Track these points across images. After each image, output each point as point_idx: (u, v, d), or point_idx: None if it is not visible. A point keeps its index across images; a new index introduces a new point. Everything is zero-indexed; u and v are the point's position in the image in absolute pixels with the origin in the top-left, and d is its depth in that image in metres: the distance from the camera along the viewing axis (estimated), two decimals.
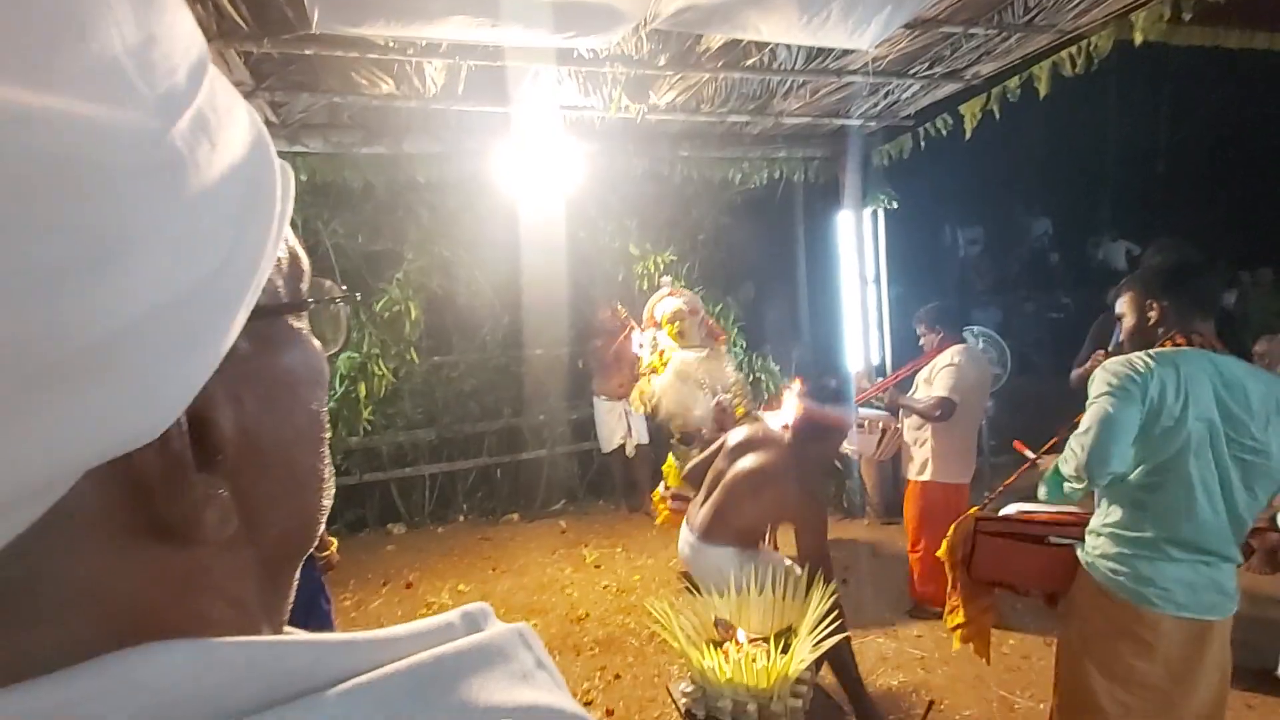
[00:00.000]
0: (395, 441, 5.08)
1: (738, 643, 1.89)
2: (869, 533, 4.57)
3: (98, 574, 0.22)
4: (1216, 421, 1.59)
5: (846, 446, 3.60)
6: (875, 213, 4.80)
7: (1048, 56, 3.25)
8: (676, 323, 3.46)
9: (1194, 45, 3.30)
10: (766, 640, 1.90)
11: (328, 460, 0.31)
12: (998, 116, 3.61)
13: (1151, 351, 1.66)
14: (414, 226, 4.79)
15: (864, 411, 3.55)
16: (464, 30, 2.49)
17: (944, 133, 3.97)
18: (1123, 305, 1.82)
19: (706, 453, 2.67)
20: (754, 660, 1.79)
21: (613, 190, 4.86)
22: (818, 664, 2.19)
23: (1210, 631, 1.64)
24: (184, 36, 0.23)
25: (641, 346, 4.57)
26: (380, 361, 4.68)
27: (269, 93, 3.18)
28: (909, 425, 3.43)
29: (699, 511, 2.47)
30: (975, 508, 2.21)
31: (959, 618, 2.22)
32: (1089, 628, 1.73)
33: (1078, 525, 1.88)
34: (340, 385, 4.61)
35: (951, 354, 3.30)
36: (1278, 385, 1.62)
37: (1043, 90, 3.31)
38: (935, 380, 3.27)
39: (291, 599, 0.31)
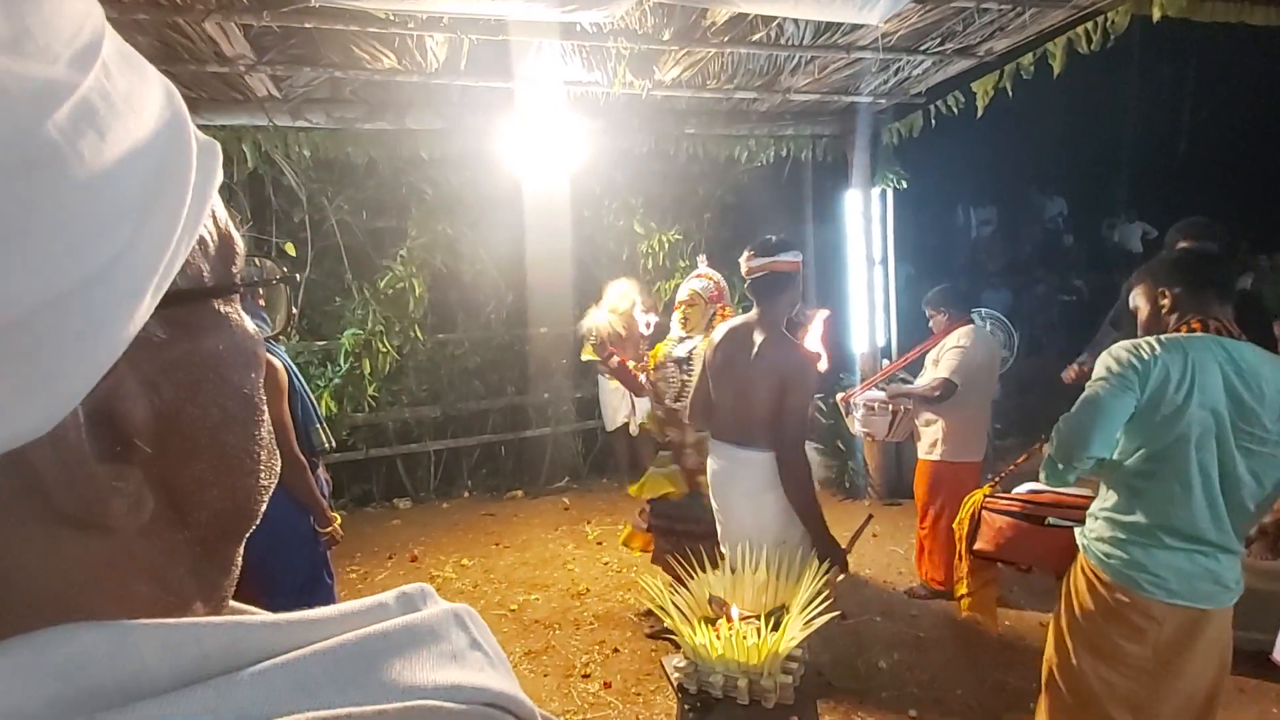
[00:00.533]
0: (400, 418, 5.12)
1: (730, 620, 1.91)
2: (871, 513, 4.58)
3: (8, 562, 0.22)
4: (1223, 410, 1.56)
5: (858, 429, 3.61)
6: (884, 192, 4.74)
7: (1063, 33, 3.16)
8: (683, 307, 3.29)
9: (1216, 22, 3.20)
10: (759, 618, 1.92)
11: (264, 440, 0.31)
12: (1011, 94, 3.54)
13: (1161, 337, 1.63)
14: (417, 203, 4.78)
15: (873, 394, 3.55)
16: (465, 4, 2.45)
17: (956, 110, 3.89)
18: (1135, 298, 1.80)
19: (697, 385, 2.50)
20: (745, 637, 1.81)
21: (617, 167, 4.82)
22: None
23: (1204, 620, 1.64)
24: (67, 24, 0.23)
25: (648, 326, 4.57)
26: (384, 338, 4.70)
27: (270, 66, 3.16)
28: (919, 406, 3.44)
29: (725, 421, 2.28)
30: (987, 485, 2.26)
31: (962, 588, 2.32)
32: (1083, 608, 1.74)
33: (1079, 508, 1.88)
34: (345, 362, 4.64)
35: (959, 335, 3.32)
36: None
37: (1057, 68, 3.23)
38: (942, 361, 3.30)
39: (235, 575, 0.31)
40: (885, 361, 4.88)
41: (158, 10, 2.62)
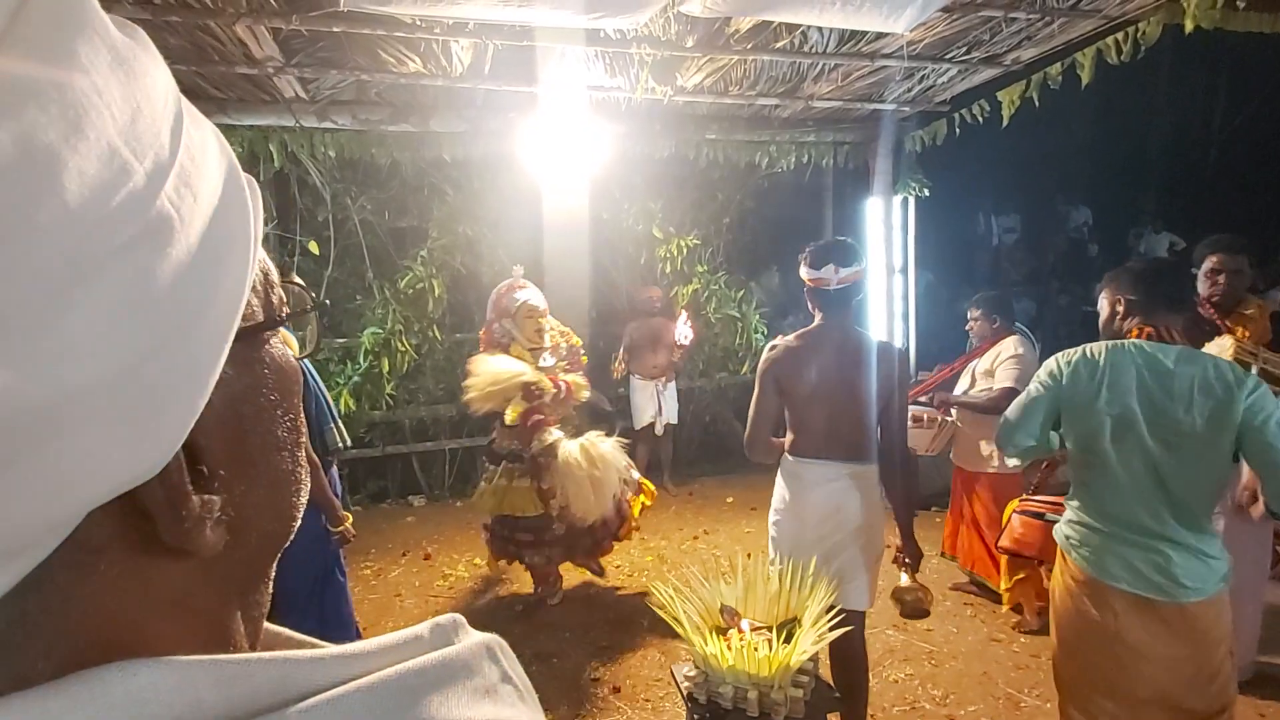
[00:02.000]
0: (417, 416, 5.17)
1: (740, 631, 1.91)
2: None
3: (101, 593, 0.24)
4: (1135, 407, 1.71)
5: None
6: (905, 200, 4.70)
7: (1092, 43, 3.12)
8: (539, 318, 3.11)
9: (1250, 31, 3.14)
10: (770, 629, 1.92)
11: (303, 456, 0.32)
12: (1036, 103, 3.50)
13: (1087, 346, 1.83)
14: (439, 204, 4.82)
15: (915, 407, 3.43)
16: (492, 10, 2.48)
17: (981, 119, 3.85)
18: (1100, 302, 1.98)
19: (761, 413, 2.26)
20: (756, 649, 1.81)
21: (638, 172, 4.83)
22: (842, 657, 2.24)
23: (1162, 610, 1.71)
24: (161, 90, 0.24)
25: (686, 339, 4.60)
26: (403, 337, 4.75)
27: (298, 69, 3.21)
28: (969, 418, 3.33)
29: (834, 439, 2.19)
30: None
31: (1006, 582, 2.85)
32: (1058, 591, 1.90)
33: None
34: (364, 360, 4.70)
35: (1014, 344, 3.26)
36: (1208, 367, 1.69)
37: (1086, 78, 3.19)
38: (999, 371, 3.21)
39: (270, 588, 0.33)
40: (922, 375, 4.83)
41: (189, 13, 2.68)
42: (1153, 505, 1.72)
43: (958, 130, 4.08)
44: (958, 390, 3.42)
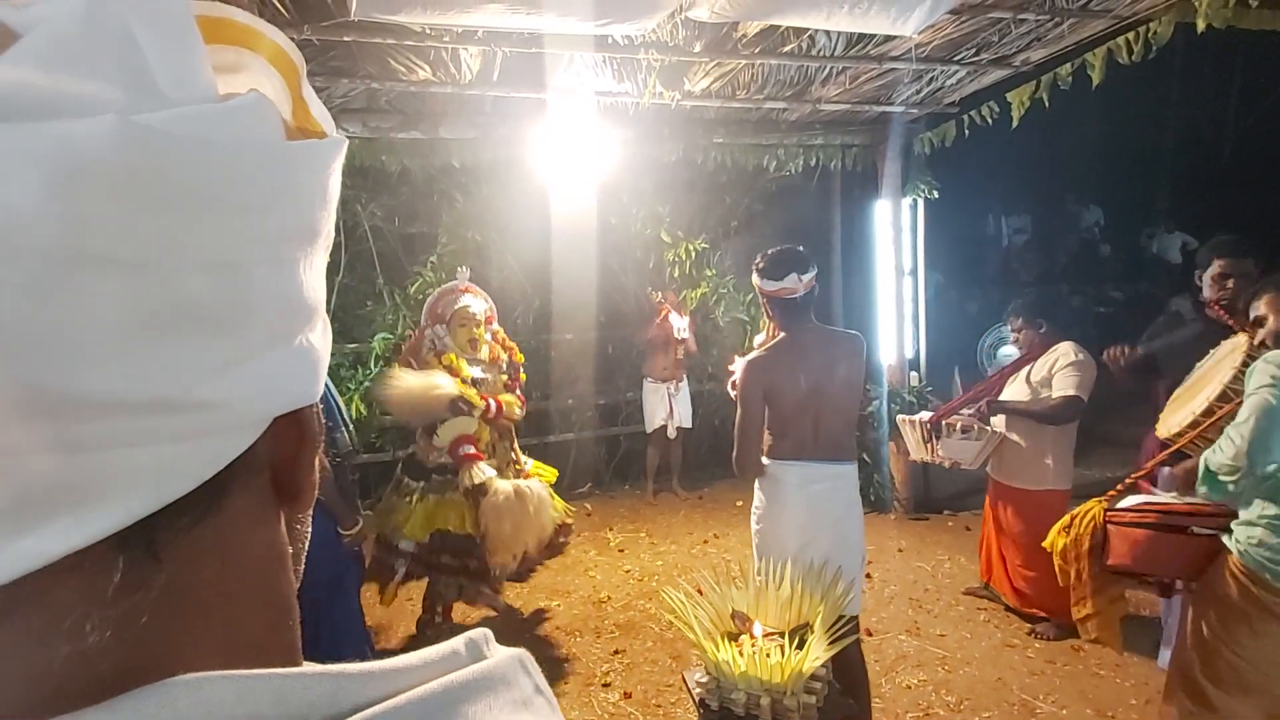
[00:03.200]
0: None
1: (753, 636, 1.90)
2: (897, 528, 4.53)
3: (250, 545, 0.28)
4: None
5: (942, 455, 3.29)
6: (915, 202, 4.68)
7: (1103, 43, 3.10)
8: (473, 327, 2.91)
9: (1264, 29, 3.11)
10: (783, 635, 1.91)
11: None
12: (1047, 104, 3.48)
13: None
14: (448, 210, 4.85)
15: (966, 415, 3.26)
16: (500, 18, 2.49)
17: (990, 120, 3.83)
18: (1263, 307, 1.87)
19: (749, 423, 2.22)
20: (768, 655, 1.80)
21: (645, 177, 4.84)
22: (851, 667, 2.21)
23: None
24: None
25: (681, 331, 4.55)
26: None
27: (310, 78, 3.22)
28: (1022, 429, 3.15)
29: (820, 440, 2.19)
30: (1096, 500, 2.22)
31: (1087, 608, 2.21)
32: (1229, 613, 1.82)
33: (1216, 515, 1.94)
34: (375, 365, 4.72)
35: (1070, 350, 3.08)
36: None
37: (1096, 78, 3.17)
38: (1056, 379, 3.04)
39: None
40: (913, 374, 4.80)
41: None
42: None
43: (967, 132, 4.06)
44: (1006, 399, 3.23)
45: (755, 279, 2.23)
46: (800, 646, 1.82)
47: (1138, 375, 2.96)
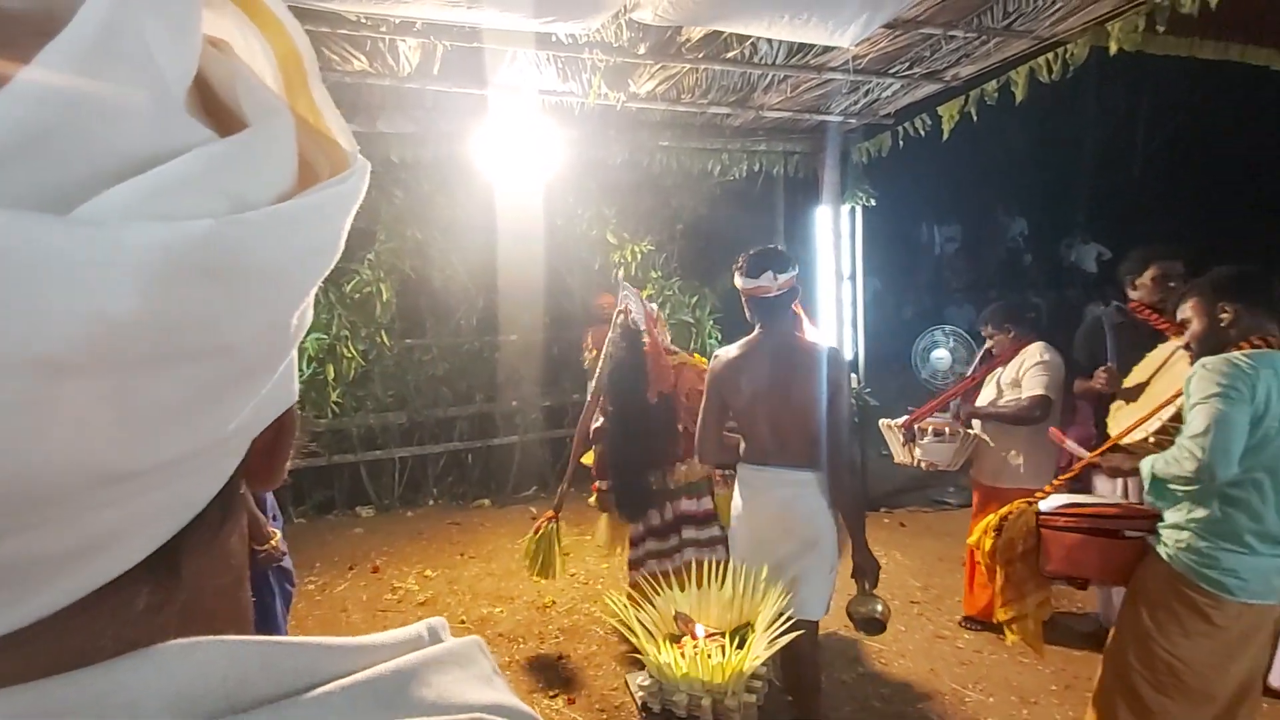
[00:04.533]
0: (365, 424, 5.02)
1: (694, 637, 1.91)
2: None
3: (227, 539, 0.28)
4: None
5: (918, 456, 3.34)
6: (853, 209, 4.83)
7: (1025, 62, 3.27)
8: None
9: (1169, 55, 3.35)
10: (724, 635, 1.92)
11: None
12: (975, 118, 3.64)
13: (1247, 352, 1.73)
14: (387, 206, 4.70)
15: (936, 419, 3.31)
16: (440, 10, 2.43)
17: (923, 132, 3.98)
18: (1188, 311, 1.90)
19: (708, 418, 2.29)
20: (709, 656, 1.81)
21: (591, 177, 4.81)
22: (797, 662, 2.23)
23: (1269, 612, 1.80)
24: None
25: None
26: (350, 344, 4.61)
27: None
28: (995, 430, 3.22)
29: (782, 445, 2.19)
30: (1022, 501, 2.24)
31: (1014, 610, 2.21)
32: (1163, 609, 1.85)
33: (1144, 518, 1.98)
34: (308, 367, 4.53)
35: (1039, 351, 3.16)
36: None
37: (1019, 95, 3.33)
38: (1025, 379, 3.12)
39: None
40: (853, 375, 4.94)
41: None
42: None
43: (901, 143, 4.21)
44: (981, 402, 3.31)
45: (736, 278, 2.24)
46: (741, 646, 1.84)
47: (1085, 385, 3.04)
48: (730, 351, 2.26)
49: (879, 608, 2.31)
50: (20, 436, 0.18)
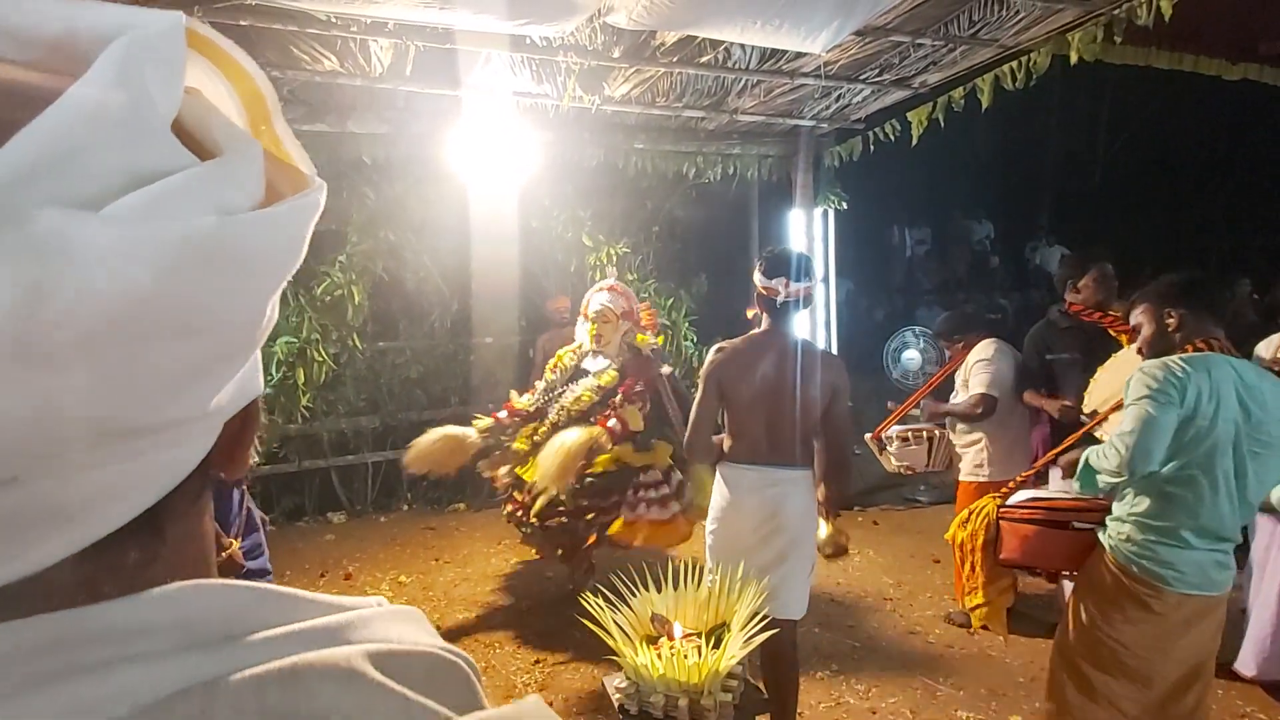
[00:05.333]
0: (336, 428, 4.94)
1: (671, 638, 1.92)
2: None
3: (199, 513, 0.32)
4: (1239, 421, 1.76)
5: (894, 464, 3.40)
6: (825, 212, 4.89)
7: (991, 69, 3.36)
8: (597, 323, 3.19)
9: (1127, 64, 3.47)
10: (700, 636, 1.93)
11: None
12: (943, 124, 3.72)
13: (1184, 356, 1.81)
14: (359, 208, 4.64)
15: (901, 428, 3.38)
16: (411, 10, 2.41)
17: (893, 137, 4.06)
18: (1139, 316, 1.98)
19: (701, 416, 2.27)
20: (686, 656, 1.82)
21: (567, 180, 4.81)
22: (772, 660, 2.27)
23: (1212, 603, 1.86)
24: None
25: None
26: (320, 347, 4.53)
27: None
28: (962, 428, 3.30)
29: (775, 444, 2.21)
30: (989, 497, 2.33)
31: (978, 598, 2.35)
32: (1106, 599, 1.93)
33: (1095, 510, 2.05)
34: (277, 371, 4.45)
35: (982, 349, 3.24)
36: (1277, 381, 1.82)
37: (985, 101, 3.42)
38: (971, 378, 3.21)
39: None
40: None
41: None
42: (1235, 513, 1.81)
43: (872, 147, 4.29)
44: (956, 403, 3.35)
45: (755, 273, 2.27)
46: (717, 646, 1.86)
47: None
48: (736, 345, 2.25)
49: (841, 537, 2.51)
50: (48, 390, 0.22)
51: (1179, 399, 1.75)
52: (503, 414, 3.32)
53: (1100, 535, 1.99)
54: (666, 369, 3.28)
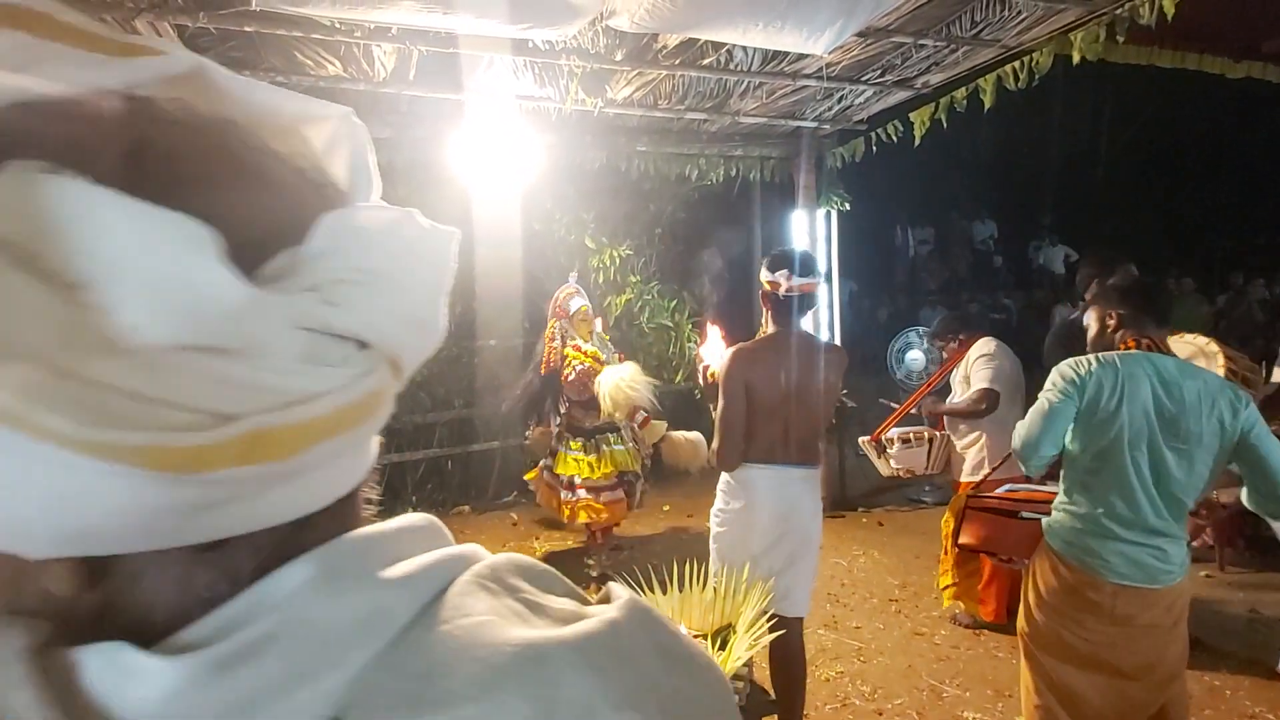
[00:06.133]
0: None
1: None
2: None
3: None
4: (1152, 415, 1.81)
5: (894, 467, 3.39)
6: (828, 213, 4.89)
7: (993, 70, 3.35)
8: (591, 323, 3.88)
9: (1129, 64, 3.46)
10: (705, 637, 1.93)
11: None
12: (945, 124, 3.72)
13: (1099, 355, 1.89)
14: None
15: (900, 430, 3.39)
16: (414, 15, 2.42)
17: (895, 138, 4.06)
18: (1088, 317, 2.08)
19: (730, 420, 2.24)
20: None
21: (569, 183, 4.82)
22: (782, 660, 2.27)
23: (1153, 595, 1.86)
24: None
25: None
26: None
27: None
28: (960, 429, 3.30)
29: (793, 443, 2.21)
30: (966, 484, 2.46)
31: (948, 579, 2.74)
32: (1048, 587, 1.96)
33: (1047, 502, 2.09)
34: None
35: (981, 345, 3.24)
36: (1208, 380, 1.85)
37: (988, 101, 3.42)
38: (972, 375, 3.20)
39: None
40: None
41: (83, 6, 2.49)
42: (1156, 505, 1.83)
43: (874, 148, 4.28)
44: (955, 401, 3.36)
45: (760, 273, 2.29)
46: (723, 648, 1.85)
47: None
48: (748, 348, 2.25)
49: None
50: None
51: (1077, 394, 1.84)
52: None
53: (1044, 524, 2.04)
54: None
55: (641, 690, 0.29)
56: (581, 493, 3.79)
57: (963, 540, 2.39)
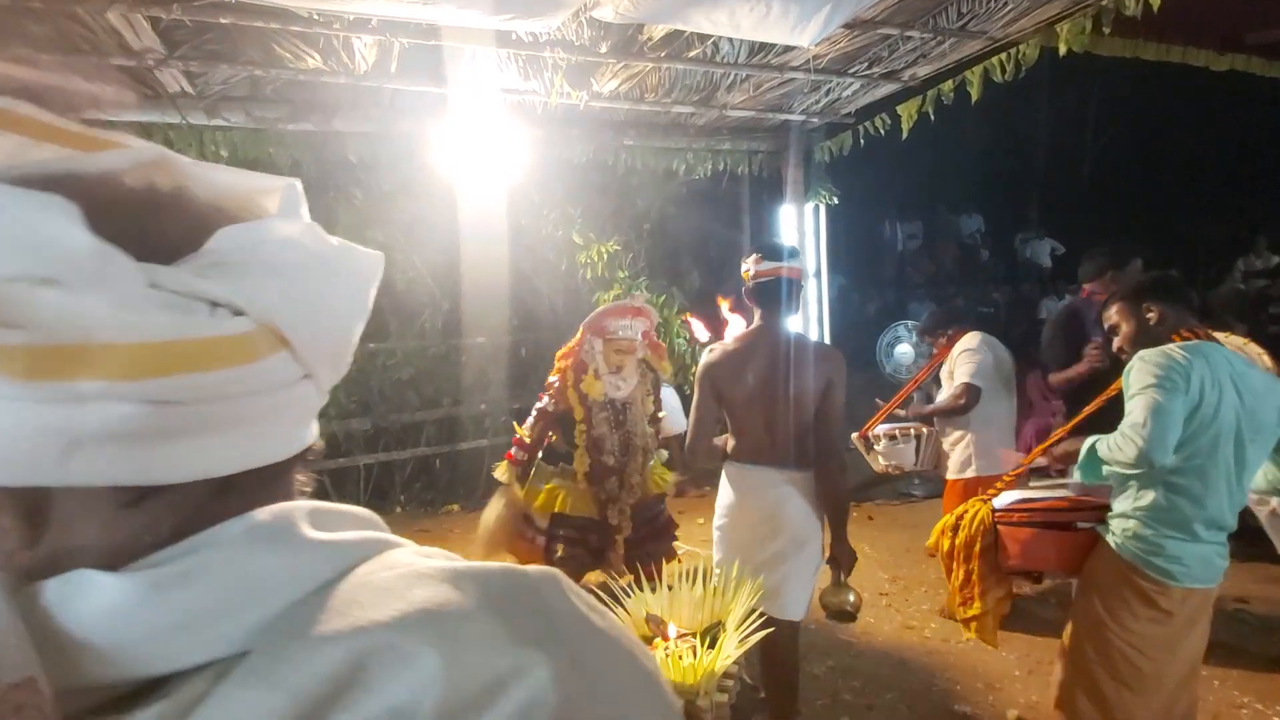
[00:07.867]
0: (327, 431, 4.89)
1: (666, 639, 1.90)
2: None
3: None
4: (1238, 407, 1.75)
5: (882, 463, 3.36)
6: (816, 207, 4.88)
7: (979, 62, 3.34)
8: (622, 355, 2.86)
9: (1115, 56, 3.46)
10: (695, 636, 1.91)
11: None
12: (933, 117, 3.71)
13: (1182, 345, 1.79)
14: (346, 207, 4.60)
15: (888, 426, 3.36)
16: (394, 7, 2.37)
17: (883, 131, 4.04)
18: (1114, 316, 1.97)
19: (700, 420, 2.23)
20: (681, 657, 1.80)
21: (556, 177, 4.77)
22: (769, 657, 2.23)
23: (1210, 596, 1.86)
24: None
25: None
26: None
27: (183, 62, 2.97)
28: (947, 425, 3.30)
29: (776, 445, 2.16)
30: (976, 501, 2.25)
31: (975, 609, 2.17)
32: (1115, 597, 1.88)
33: (1098, 509, 2.00)
34: None
35: (966, 340, 3.24)
36: (1269, 375, 1.83)
37: (974, 94, 3.40)
38: (956, 371, 3.20)
39: None
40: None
41: (58, 1, 2.43)
42: (1234, 501, 1.79)
43: (862, 142, 4.27)
44: (940, 398, 3.36)
45: (744, 265, 2.23)
46: (713, 646, 1.83)
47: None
48: (728, 346, 2.21)
49: (851, 598, 2.31)
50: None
51: (1185, 386, 1.71)
52: (514, 450, 3.13)
53: (1104, 534, 1.93)
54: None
55: (551, 639, 0.32)
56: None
57: (1011, 564, 2.13)
